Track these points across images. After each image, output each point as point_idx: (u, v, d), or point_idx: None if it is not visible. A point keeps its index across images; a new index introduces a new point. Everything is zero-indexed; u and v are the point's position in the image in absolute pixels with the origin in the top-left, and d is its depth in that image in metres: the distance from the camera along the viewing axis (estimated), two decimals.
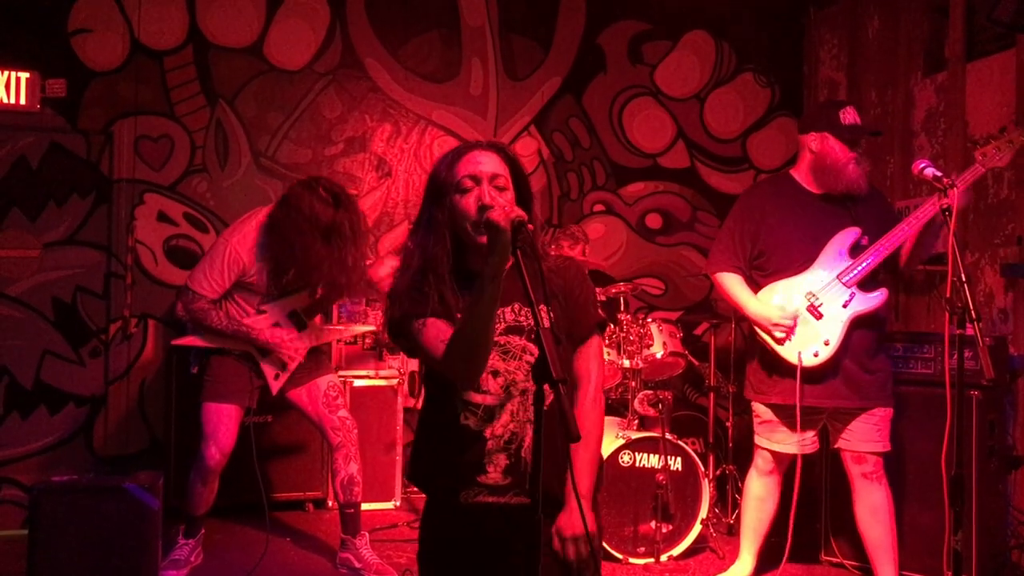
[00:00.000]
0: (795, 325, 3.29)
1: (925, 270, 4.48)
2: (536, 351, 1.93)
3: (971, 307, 2.55)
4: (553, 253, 2.08)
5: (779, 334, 3.30)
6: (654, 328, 4.28)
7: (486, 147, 1.99)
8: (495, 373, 1.94)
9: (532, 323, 1.90)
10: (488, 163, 1.95)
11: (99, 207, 4.77)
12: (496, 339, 1.94)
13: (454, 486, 1.95)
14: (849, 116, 3.33)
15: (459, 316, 1.88)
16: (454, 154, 2.00)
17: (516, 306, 1.98)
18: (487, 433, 1.93)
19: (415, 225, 2.02)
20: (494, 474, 1.93)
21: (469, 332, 1.81)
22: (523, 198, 1.98)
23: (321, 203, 3.52)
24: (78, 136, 4.73)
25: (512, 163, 1.99)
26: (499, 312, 1.95)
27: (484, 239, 1.82)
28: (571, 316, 2.02)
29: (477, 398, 1.94)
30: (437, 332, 1.89)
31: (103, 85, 4.77)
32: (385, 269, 3.89)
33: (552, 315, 1.89)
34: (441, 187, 1.97)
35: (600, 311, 2.11)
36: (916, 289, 4.71)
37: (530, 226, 1.76)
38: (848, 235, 3.32)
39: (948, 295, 2.62)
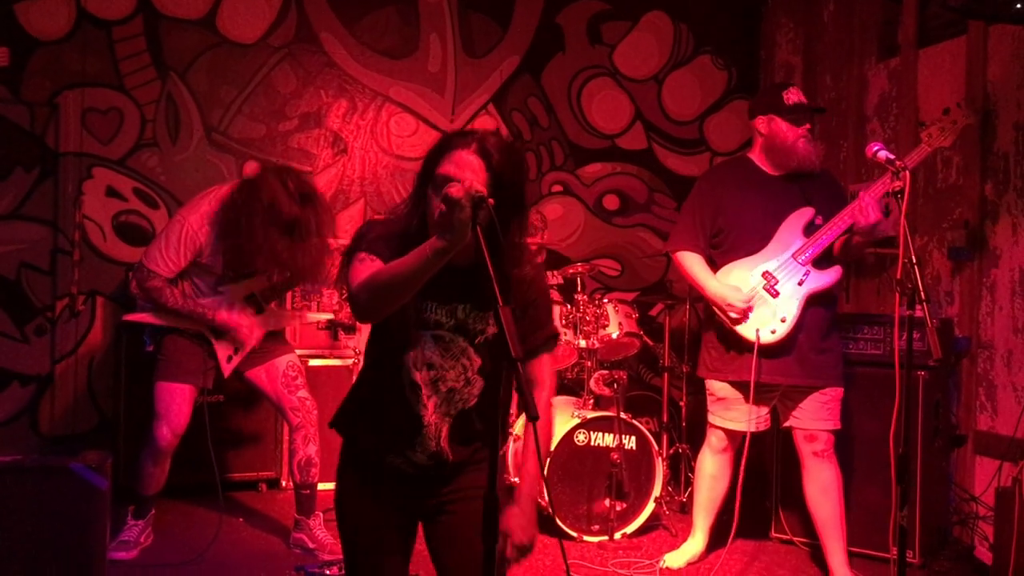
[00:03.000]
0: (752, 305, 3.34)
1: (876, 252, 4.57)
2: (476, 360, 1.98)
3: (921, 289, 2.60)
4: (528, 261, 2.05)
5: (734, 315, 3.35)
6: (610, 308, 4.31)
7: (478, 150, 1.89)
8: (430, 365, 1.97)
9: (477, 328, 1.96)
10: (466, 170, 1.86)
11: (44, 181, 4.63)
12: (443, 334, 1.96)
13: (382, 450, 2.02)
14: (792, 96, 3.45)
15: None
16: (445, 144, 1.93)
17: (468, 307, 1.97)
18: (424, 418, 1.98)
19: (409, 197, 2.02)
20: (420, 455, 1.99)
21: (392, 281, 1.79)
22: (508, 203, 1.88)
23: (287, 197, 3.45)
24: (21, 107, 4.58)
25: (496, 176, 1.88)
26: (451, 307, 1.96)
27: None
28: (528, 326, 2.00)
29: (420, 382, 1.97)
30: (368, 266, 1.90)
31: (48, 54, 4.62)
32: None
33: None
34: (425, 172, 1.95)
35: (554, 325, 2.11)
36: (867, 271, 4.80)
37: (490, 201, 1.73)
38: (802, 215, 3.41)
39: (899, 277, 2.66)
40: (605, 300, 4.37)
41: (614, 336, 4.27)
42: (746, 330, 3.35)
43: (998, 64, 3.99)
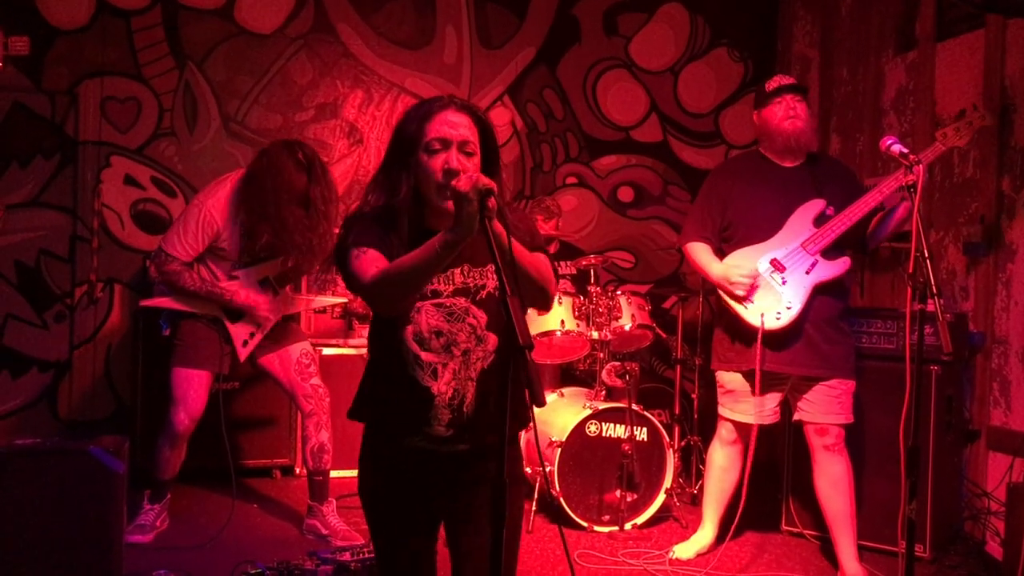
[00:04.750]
0: (755, 286, 3.35)
1: (891, 247, 4.55)
2: (482, 316, 1.97)
3: (932, 283, 2.60)
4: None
5: (739, 292, 3.36)
6: (623, 301, 4.31)
7: (459, 107, 1.96)
8: (438, 333, 1.96)
9: (478, 284, 1.96)
10: (460, 127, 1.93)
11: (64, 169, 4.69)
12: (443, 301, 1.96)
13: (399, 432, 2.01)
14: (773, 83, 3.52)
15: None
16: (426, 109, 1.97)
17: (466, 267, 1.98)
18: (433, 389, 1.96)
19: (378, 170, 2.03)
20: (438, 427, 1.97)
21: (405, 276, 1.82)
22: (491, 163, 1.98)
23: (299, 168, 3.50)
24: (42, 96, 4.64)
25: (483, 127, 1.97)
26: (448, 273, 1.96)
27: (449, 204, 1.80)
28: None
29: (423, 355, 1.96)
30: (373, 260, 1.89)
31: (68, 44, 4.67)
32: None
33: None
34: (409, 142, 1.96)
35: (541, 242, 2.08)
36: (881, 266, 4.78)
37: (495, 189, 1.76)
38: (813, 206, 3.41)
39: (911, 271, 2.66)
40: (618, 292, 4.38)
41: (627, 328, 4.28)
42: (751, 316, 3.36)
43: (1016, 58, 3.95)
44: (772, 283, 3.36)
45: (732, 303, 3.42)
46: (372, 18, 5.19)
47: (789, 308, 3.34)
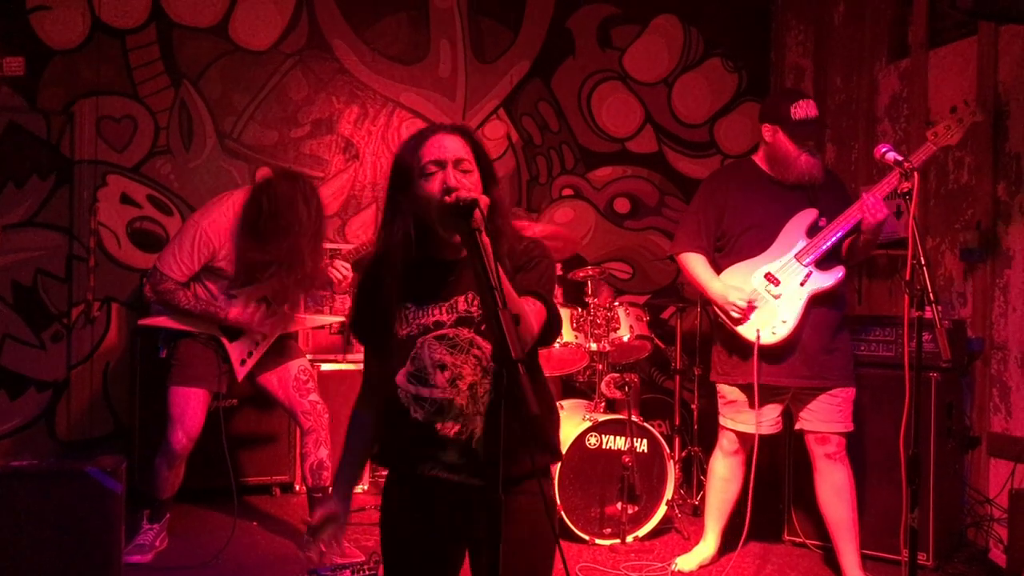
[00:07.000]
0: (752, 306, 3.34)
1: (887, 255, 4.55)
2: (486, 346, 1.89)
3: (930, 290, 2.60)
4: (527, 235, 2.06)
5: (735, 315, 3.35)
6: (621, 312, 4.31)
7: (450, 130, 1.96)
8: (442, 367, 1.89)
9: (481, 314, 1.88)
10: (452, 147, 1.92)
11: (60, 188, 4.69)
12: (446, 332, 1.91)
13: (412, 464, 1.95)
14: (800, 111, 3.37)
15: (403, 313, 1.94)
16: (418, 138, 1.97)
17: (470, 295, 1.92)
18: (438, 427, 1.90)
19: (383, 215, 2.00)
20: (451, 455, 1.91)
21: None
22: (488, 179, 1.96)
23: (304, 202, 3.51)
24: (38, 116, 4.64)
25: (476, 146, 1.96)
26: (452, 301, 1.92)
27: (456, 237, 1.81)
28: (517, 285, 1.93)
29: (425, 392, 1.90)
30: (368, 363, 2.10)
31: (63, 64, 4.68)
32: (338, 273, 3.83)
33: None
34: (406, 173, 1.94)
35: (549, 288, 2.00)
36: (878, 273, 4.79)
37: (484, 201, 1.75)
38: (805, 216, 3.40)
39: (908, 278, 2.66)
40: (616, 303, 4.38)
41: (625, 339, 4.27)
42: (747, 331, 3.35)
43: (1009, 64, 3.97)
44: (767, 297, 3.35)
45: (727, 320, 3.41)
46: (366, 34, 5.20)
47: (784, 322, 3.33)
